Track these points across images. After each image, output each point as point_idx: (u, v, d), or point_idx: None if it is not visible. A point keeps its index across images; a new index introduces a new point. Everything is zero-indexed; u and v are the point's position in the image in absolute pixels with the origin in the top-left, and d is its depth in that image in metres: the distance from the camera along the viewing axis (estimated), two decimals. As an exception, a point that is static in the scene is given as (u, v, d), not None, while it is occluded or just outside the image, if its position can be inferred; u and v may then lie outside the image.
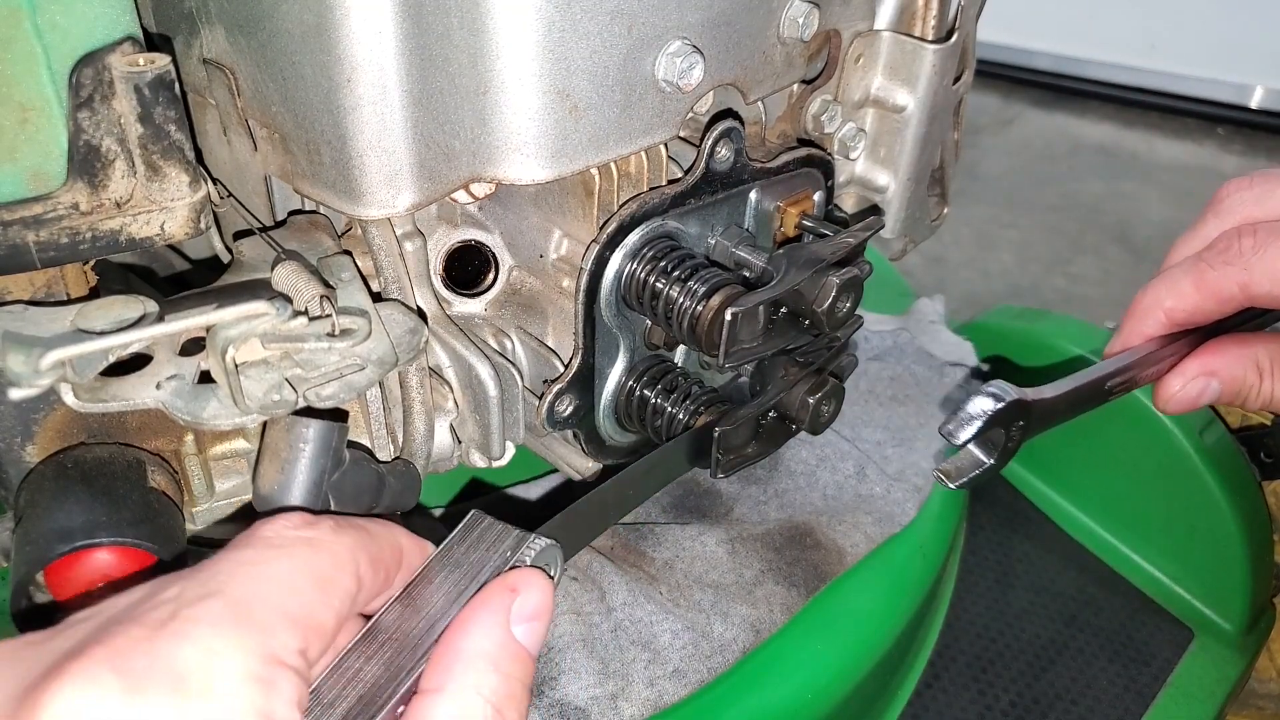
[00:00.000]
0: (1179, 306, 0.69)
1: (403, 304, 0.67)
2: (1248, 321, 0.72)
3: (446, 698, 0.43)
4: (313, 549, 0.44)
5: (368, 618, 0.47)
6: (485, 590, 0.47)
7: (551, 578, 0.50)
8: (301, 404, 0.57)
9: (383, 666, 0.44)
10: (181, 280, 0.89)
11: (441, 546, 0.50)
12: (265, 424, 0.59)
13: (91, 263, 0.63)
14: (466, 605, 0.47)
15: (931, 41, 0.79)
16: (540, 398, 0.70)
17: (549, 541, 0.50)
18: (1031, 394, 0.66)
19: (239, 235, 0.72)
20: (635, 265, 0.67)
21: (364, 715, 0.42)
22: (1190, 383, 0.69)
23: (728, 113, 0.70)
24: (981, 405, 0.64)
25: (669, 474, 0.71)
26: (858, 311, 0.69)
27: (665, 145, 0.68)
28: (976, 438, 0.64)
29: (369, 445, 0.69)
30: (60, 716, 0.35)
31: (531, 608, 0.47)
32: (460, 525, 0.51)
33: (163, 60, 0.55)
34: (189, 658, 0.37)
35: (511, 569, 0.48)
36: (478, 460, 0.76)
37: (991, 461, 0.67)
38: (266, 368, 0.58)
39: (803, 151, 0.75)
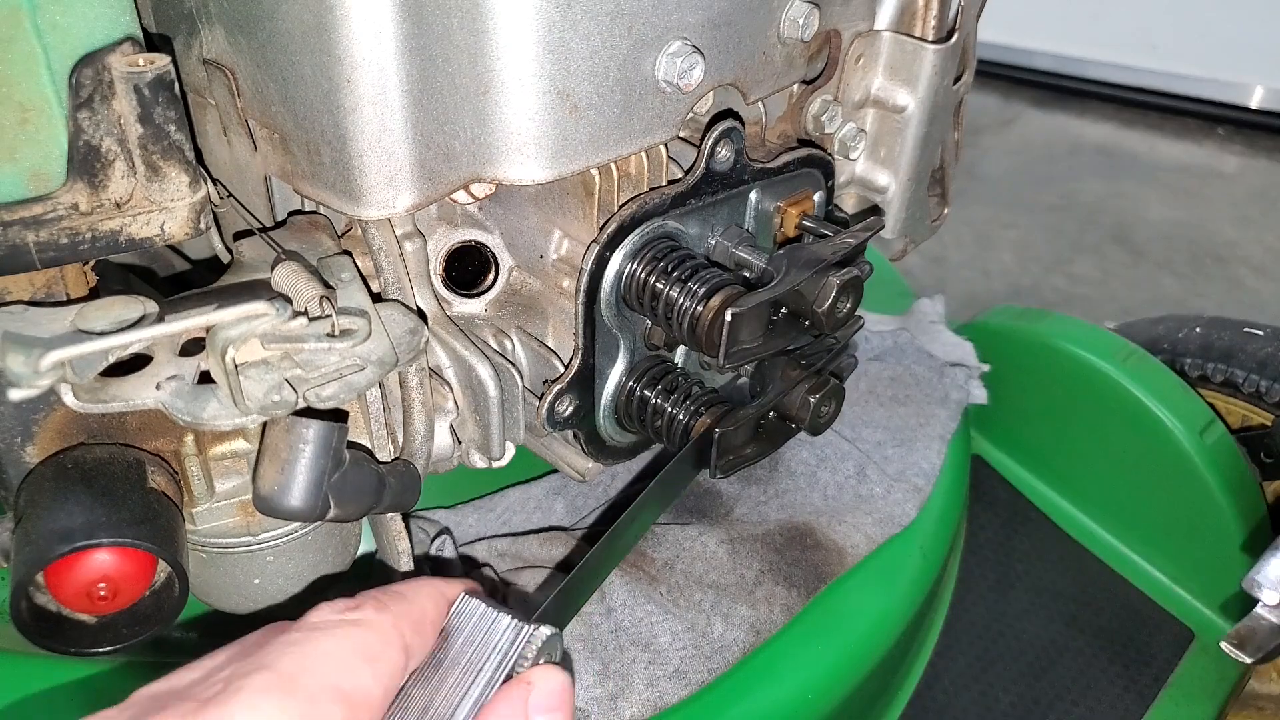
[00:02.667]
0: None
1: (403, 304, 0.67)
2: None
3: None
4: (359, 628, 0.46)
5: None
6: (510, 687, 0.47)
7: (563, 667, 0.49)
8: (301, 404, 0.57)
9: None
10: (181, 280, 0.89)
11: (438, 639, 0.49)
12: (265, 424, 0.59)
13: (91, 263, 0.63)
14: (497, 697, 0.47)
15: (932, 41, 0.79)
16: (540, 398, 0.70)
17: (551, 631, 0.49)
18: None
19: (239, 235, 0.72)
20: (635, 266, 0.67)
21: None
22: None
23: (728, 113, 0.70)
24: None
25: (654, 517, 0.70)
26: (858, 312, 0.69)
27: (665, 145, 0.68)
28: None
29: (369, 445, 0.69)
30: None
31: (550, 698, 0.47)
32: (452, 612, 0.50)
33: (163, 60, 0.55)
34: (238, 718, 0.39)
35: (514, 666, 0.48)
36: (478, 460, 0.76)
37: None
38: (266, 368, 0.58)
39: (803, 152, 0.75)
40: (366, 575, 0.77)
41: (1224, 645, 0.61)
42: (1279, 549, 0.59)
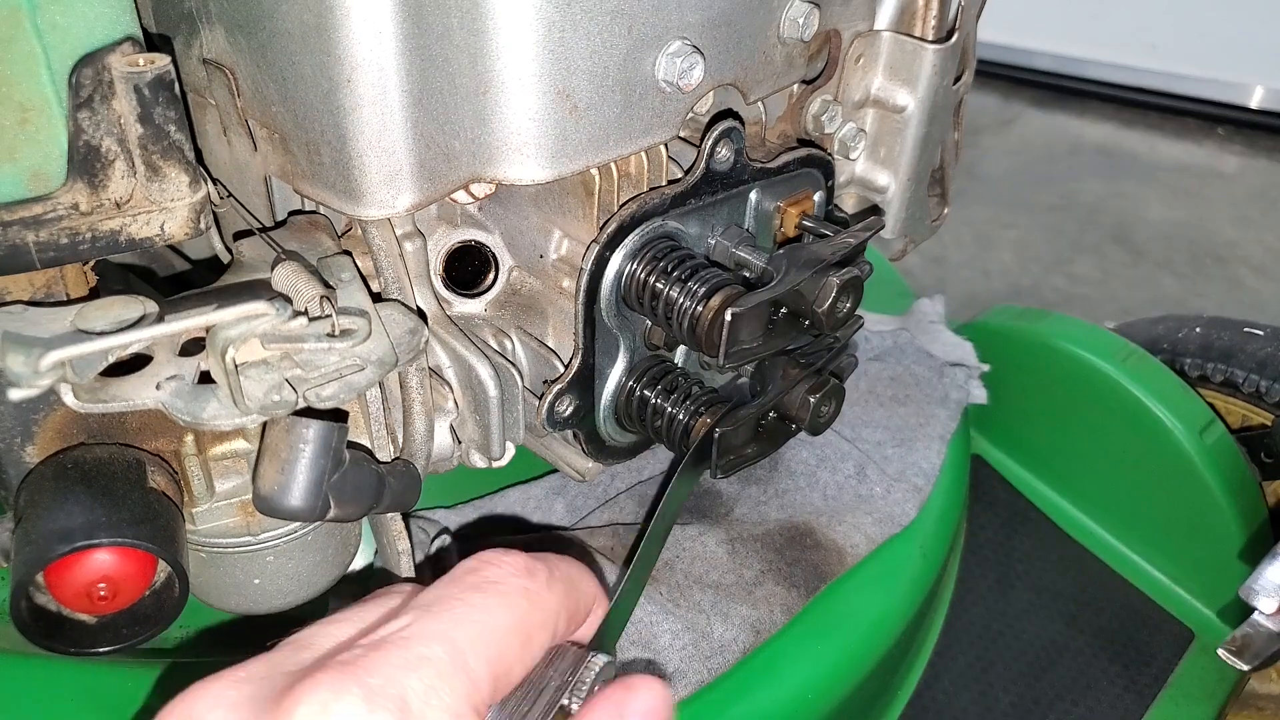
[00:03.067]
0: None
1: (403, 304, 0.67)
2: None
3: None
4: (530, 604, 0.46)
5: None
6: (609, 693, 0.48)
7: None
8: (301, 404, 0.57)
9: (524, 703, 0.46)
10: (181, 280, 0.89)
11: None
12: (265, 424, 0.59)
13: (91, 263, 0.63)
14: (594, 701, 0.47)
15: (932, 41, 0.79)
16: (540, 398, 0.70)
17: (606, 659, 0.49)
18: None
19: (239, 235, 0.72)
20: (635, 265, 0.67)
21: None
22: None
23: (728, 113, 0.70)
24: None
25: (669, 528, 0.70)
26: (858, 312, 0.69)
27: (665, 145, 0.68)
28: None
29: (369, 445, 0.69)
30: (311, 715, 0.39)
31: (651, 712, 0.48)
32: None
33: (163, 60, 0.55)
34: (415, 689, 0.41)
35: (571, 693, 0.48)
36: (478, 460, 0.76)
37: None
38: (266, 368, 0.58)
39: (803, 152, 0.75)
40: (367, 575, 0.77)
41: (1221, 652, 0.61)
42: (1277, 556, 0.58)
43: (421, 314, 0.69)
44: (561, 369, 0.70)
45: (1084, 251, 3.05)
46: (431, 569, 0.78)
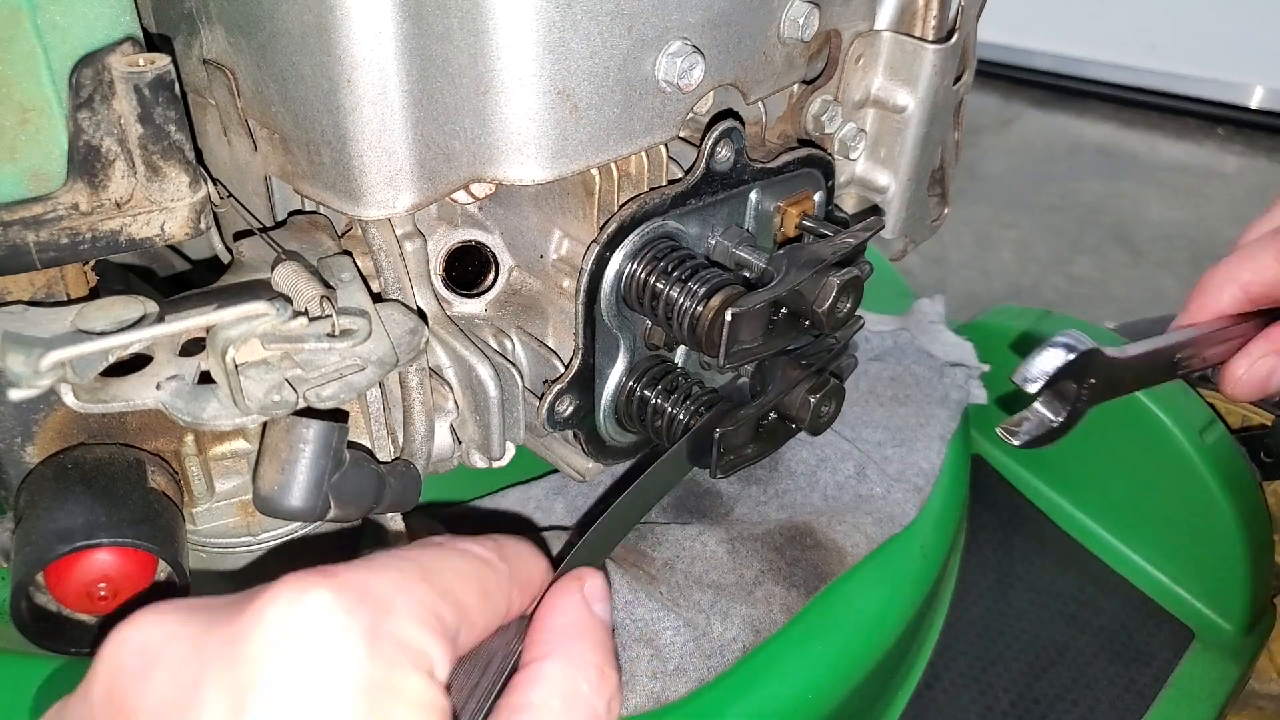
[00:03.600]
0: (1257, 279, 0.68)
1: (403, 304, 0.67)
2: None
3: (555, 660, 0.47)
4: (486, 566, 0.48)
5: None
6: (559, 581, 0.51)
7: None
8: (301, 404, 0.57)
9: (479, 673, 0.47)
10: (181, 280, 0.89)
11: None
12: (265, 424, 0.59)
13: (91, 263, 0.63)
14: (548, 591, 0.50)
15: (932, 42, 0.79)
16: (540, 398, 0.70)
17: None
18: (1110, 350, 0.63)
19: (239, 235, 0.72)
20: (635, 266, 0.67)
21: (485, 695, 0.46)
22: (1259, 362, 0.67)
23: (728, 113, 0.70)
24: (1055, 355, 0.61)
25: (665, 488, 0.70)
26: (858, 312, 0.69)
27: (665, 145, 0.68)
28: (1050, 387, 0.61)
29: (369, 445, 0.69)
30: (280, 608, 0.39)
31: (599, 591, 0.51)
32: None
33: (163, 60, 0.55)
34: (383, 585, 0.42)
35: (515, 661, 0.49)
36: (478, 461, 0.76)
37: (1060, 420, 0.64)
38: (266, 368, 0.58)
39: (803, 152, 0.75)
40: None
41: (999, 431, 0.66)
42: (1045, 347, 0.62)
43: (421, 314, 0.70)
44: (561, 369, 0.70)
45: (1084, 251, 3.05)
46: None
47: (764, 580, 0.80)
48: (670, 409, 0.72)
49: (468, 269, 0.74)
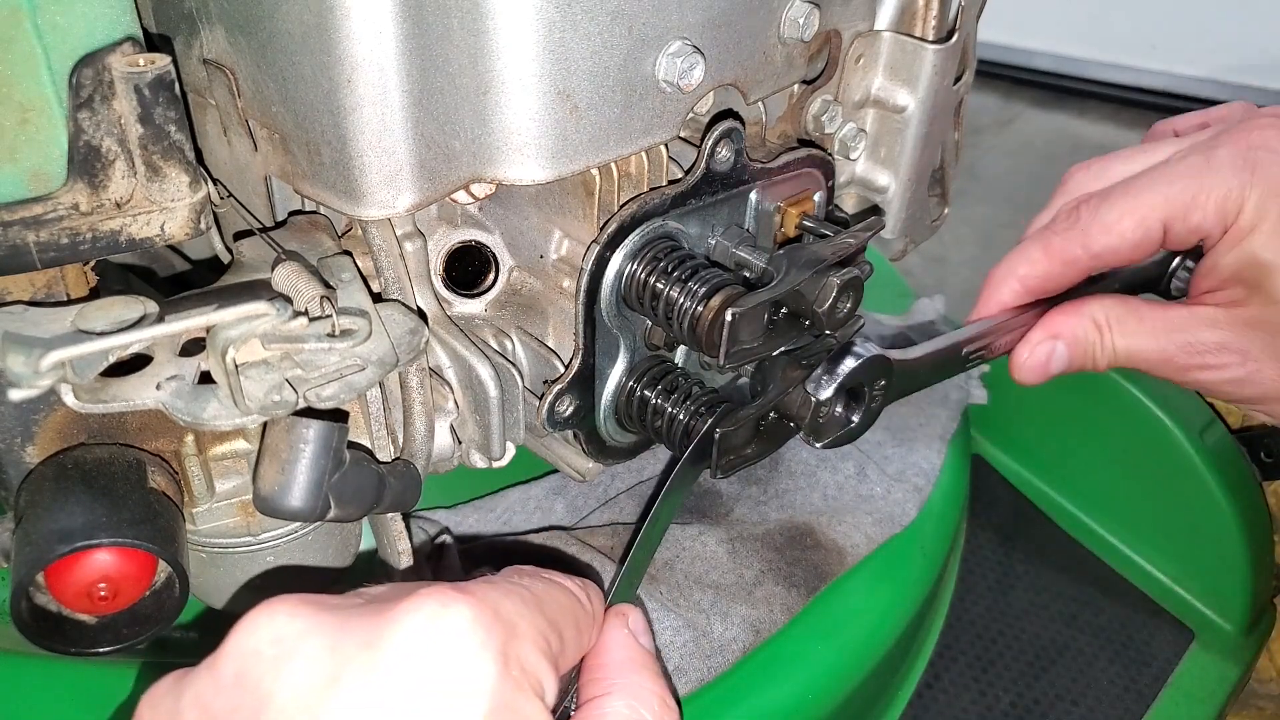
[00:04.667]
0: (1031, 273, 0.73)
1: (403, 304, 0.67)
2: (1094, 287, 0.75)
3: (618, 696, 0.48)
4: (578, 601, 0.50)
5: None
6: (606, 619, 0.53)
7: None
8: (302, 404, 0.57)
9: None
10: (181, 280, 0.89)
11: None
12: (265, 425, 0.59)
13: (91, 263, 0.63)
14: (602, 629, 0.52)
15: (932, 42, 0.79)
16: (540, 398, 0.70)
17: None
18: (895, 354, 0.69)
19: (239, 235, 0.72)
20: (635, 266, 0.67)
21: None
22: (1037, 348, 0.72)
23: (728, 113, 0.70)
24: (844, 362, 0.66)
25: (682, 500, 0.72)
26: (858, 312, 0.69)
27: (666, 145, 0.68)
28: (838, 393, 0.66)
29: (369, 446, 0.69)
30: (422, 618, 0.41)
31: (642, 625, 0.53)
32: None
33: (163, 60, 0.55)
34: (510, 607, 0.44)
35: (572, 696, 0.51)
36: (478, 461, 0.76)
37: (855, 420, 0.69)
38: (267, 368, 0.58)
39: (803, 152, 0.75)
40: (367, 574, 0.77)
41: (800, 436, 0.70)
42: (835, 353, 0.67)
43: (422, 314, 0.69)
44: (562, 369, 0.70)
45: (1084, 251, 3.04)
46: (432, 568, 0.78)
47: (764, 580, 0.80)
48: (670, 409, 0.72)
49: (468, 269, 0.74)
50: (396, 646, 0.40)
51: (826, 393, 0.66)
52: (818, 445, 0.69)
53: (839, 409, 0.69)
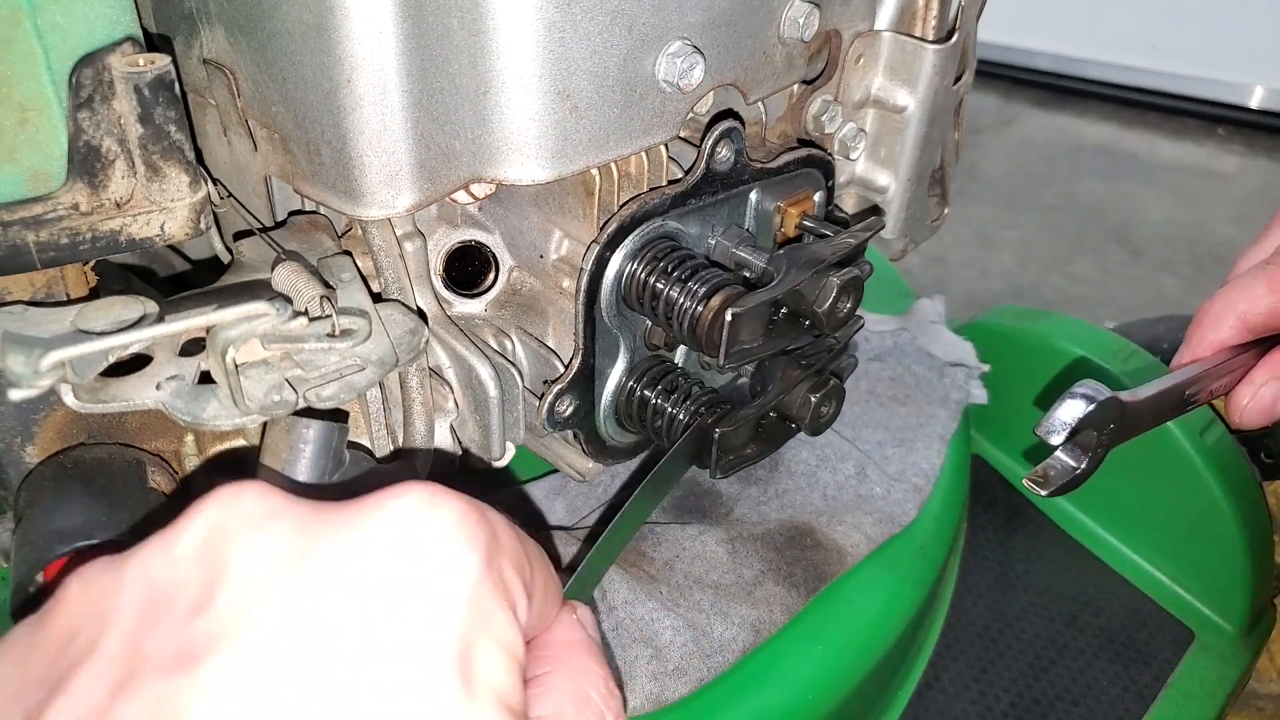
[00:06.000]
0: (1253, 310, 0.69)
1: (403, 304, 0.67)
2: None
3: (562, 673, 0.46)
4: (550, 570, 0.48)
5: None
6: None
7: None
8: (301, 404, 0.57)
9: None
10: (181, 280, 0.89)
11: None
12: (265, 425, 0.59)
13: (91, 263, 0.63)
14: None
15: (932, 42, 0.79)
16: (540, 398, 0.70)
17: None
18: (1125, 396, 0.65)
19: (239, 235, 0.72)
20: (635, 266, 0.67)
21: None
22: (1262, 389, 0.68)
23: (728, 113, 0.70)
24: (1076, 407, 0.62)
25: (666, 491, 0.71)
26: (858, 312, 0.69)
27: (665, 145, 0.68)
28: (1070, 439, 0.63)
29: (369, 445, 0.69)
30: (408, 506, 0.38)
31: (589, 617, 0.52)
32: None
33: (163, 60, 0.55)
34: (497, 521, 0.42)
35: None
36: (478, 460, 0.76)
37: (1082, 467, 0.66)
38: (267, 368, 0.58)
39: (803, 152, 0.75)
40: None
41: (1025, 482, 0.67)
42: (1065, 399, 0.63)
43: (422, 314, 0.70)
44: (561, 369, 0.70)
45: (1084, 251, 3.05)
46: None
47: (764, 580, 0.80)
48: (670, 409, 0.72)
49: (468, 269, 0.74)
50: (376, 531, 0.37)
51: (1059, 437, 0.62)
52: (1043, 494, 0.66)
53: (1063, 454, 0.66)
